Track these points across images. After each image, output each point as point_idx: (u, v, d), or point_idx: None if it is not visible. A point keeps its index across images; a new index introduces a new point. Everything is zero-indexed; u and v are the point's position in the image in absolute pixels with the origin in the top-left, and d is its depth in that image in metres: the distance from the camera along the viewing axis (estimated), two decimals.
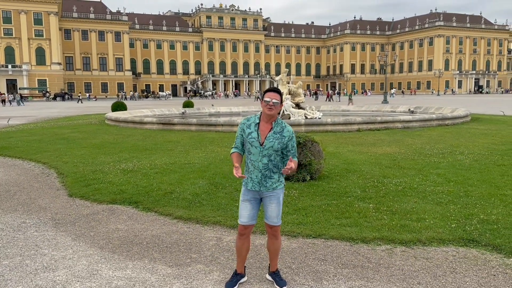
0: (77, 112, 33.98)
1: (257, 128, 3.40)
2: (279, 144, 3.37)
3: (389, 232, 4.91)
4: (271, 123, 3.42)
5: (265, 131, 3.39)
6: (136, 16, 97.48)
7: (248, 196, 3.52)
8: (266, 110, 3.35)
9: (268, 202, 3.53)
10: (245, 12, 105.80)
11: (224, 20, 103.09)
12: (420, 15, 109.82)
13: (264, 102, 3.35)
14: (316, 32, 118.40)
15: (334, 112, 25.67)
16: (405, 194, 6.43)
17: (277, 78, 21.86)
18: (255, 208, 3.56)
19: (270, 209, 3.53)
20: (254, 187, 3.47)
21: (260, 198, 3.55)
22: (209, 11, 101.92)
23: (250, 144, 3.40)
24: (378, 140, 12.19)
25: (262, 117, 3.44)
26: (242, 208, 3.55)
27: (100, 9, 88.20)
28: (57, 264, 4.18)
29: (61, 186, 7.58)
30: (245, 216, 3.55)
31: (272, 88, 3.43)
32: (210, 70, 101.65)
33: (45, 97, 70.80)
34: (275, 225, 3.59)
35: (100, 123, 19.78)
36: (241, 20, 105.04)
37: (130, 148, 11.52)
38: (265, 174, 3.43)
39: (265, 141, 3.37)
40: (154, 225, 5.40)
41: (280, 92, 3.43)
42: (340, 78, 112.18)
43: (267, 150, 3.38)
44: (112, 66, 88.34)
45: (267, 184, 3.46)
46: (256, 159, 3.41)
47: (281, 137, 3.39)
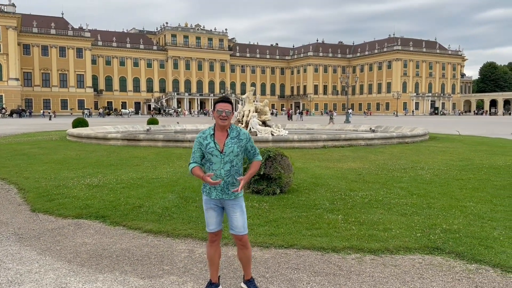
0: (36, 128, 32.77)
1: (213, 138, 3.46)
2: (238, 147, 3.46)
3: (358, 241, 5.04)
4: (226, 130, 3.50)
5: (222, 139, 3.46)
6: (99, 33, 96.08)
7: (211, 204, 3.55)
8: (220, 121, 3.42)
9: (231, 212, 3.55)
10: (211, 32, 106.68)
11: (190, 39, 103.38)
12: (379, 40, 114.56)
13: (217, 112, 3.41)
14: (280, 53, 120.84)
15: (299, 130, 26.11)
16: (371, 206, 6.62)
17: (243, 96, 22.09)
18: (220, 214, 3.61)
19: (235, 218, 3.55)
20: (218, 195, 3.50)
21: (222, 207, 3.59)
22: (174, 30, 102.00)
23: (210, 154, 3.44)
24: (343, 156, 12.51)
25: (216, 128, 3.50)
26: (208, 216, 3.58)
27: (62, 25, 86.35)
28: (22, 278, 4.01)
29: (23, 201, 7.28)
30: (213, 223, 3.58)
31: (223, 98, 3.49)
32: (175, 88, 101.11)
33: (1, 114, 67.86)
34: (242, 234, 3.60)
35: (61, 139, 19.17)
36: (207, 40, 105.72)
37: (94, 163, 11.23)
38: (227, 181, 3.48)
39: (224, 148, 3.43)
40: (123, 239, 5.29)
41: (231, 101, 3.51)
42: (303, 98, 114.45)
43: (228, 156, 3.44)
44: (73, 82, 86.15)
45: (229, 192, 3.49)
46: (218, 167, 3.45)
47: (238, 140, 3.48)
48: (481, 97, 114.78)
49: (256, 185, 7.26)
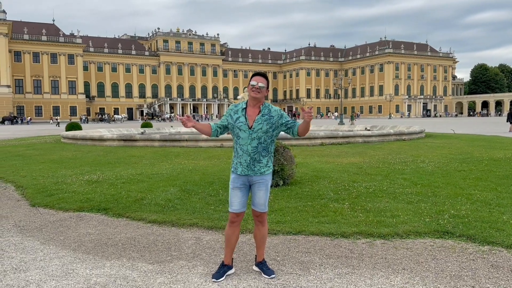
0: (30, 134, 32.43)
1: (244, 112, 3.42)
2: (267, 125, 3.39)
3: (366, 227, 4.98)
4: (258, 107, 3.44)
5: (253, 115, 3.41)
6: (91, 39, 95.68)
7: (238, 183, 3.48)
8: (252, 94, 3.38)
9: (256, 189, 3.51)
10: (203, 37, 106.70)
11: (182, 45, 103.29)
12: (371, 43, 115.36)
13: (250, 85, 3.38)
14: (272, 57, 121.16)
15: None
16: (376, 195, 6.57)
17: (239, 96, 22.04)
18: (245, 195, 3.54)
19: (258, 195, 3.51)
20: (244, 171, 3.45)
21: (249, 185, 3.52)
22: (166, 35, 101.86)
23: (238, 129, 3.40)
24: (342, 152, 12.49)
25: (248, 103, 3.47)
26: (232, 195, 3.51)
27: (53, 32, 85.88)
28: (27, 266, 3.90)
29: (21, 197, 7.15)
30: (236, 204, 3.51)
31: (259, 72, 3.49)
32: (167, 93, 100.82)
33: None
34: (262, 212, 3.57)
35: (55, 141, 18.96)
36: (199, 45, 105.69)
37: (91, 162, 11.09)
38: (254, 157, 3.42)
39: (254, 124, 3.38)
40: (128, 228, 5.19)
41: (267, 76, 3.46)
42: (296, 102, 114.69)
43: (256, 132, 3.39)
44: (65, 89, 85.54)
45: (255, 168, 3.45)
46: (245, 142, 3.40)
47: (269, 117, 3.41)
48: (472, 98, 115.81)
49: None
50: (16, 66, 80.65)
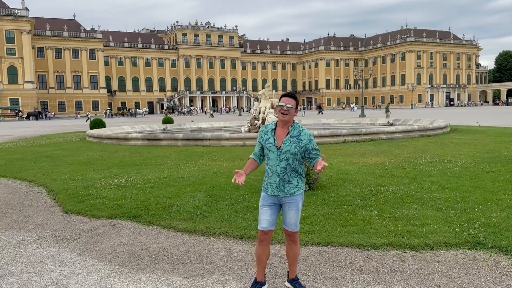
0: (54, 130, 33.21)
1: (273, 133, 3.46)
2: (296, 147, 3.40)
3: (396, 237, 4.97)
4: (287, 127, 3.47)
5: (282, 136, 3.44)
6: (111, 34, 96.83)
7: (268, 201, 3.53)
8: (280, 116, 3.42)
9: (287, 209, 3.54)
10: (221, 29, 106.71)
11: (200, 37, 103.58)
12: (392, 31, 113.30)
13: (279, 106, 3.42)
14: (291, 48, 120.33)
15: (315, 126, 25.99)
16: (404, 201, 6.53)
17: (259, 93, 22.03)
18: (275, 213, 3.57)
19: (288, 215, 3.55)
20: (273, 192, 3.49)
21: (280, 204, 3.56)
22: (184, 29, 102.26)
23: (268, 150, 3.46)
24: (366, 151, 12.39)
25: (278, 123, 3.51)
26: (261, 213, 3.56)
27: (74, 27, 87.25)
28: (67, 280, 4.04)
29: (54, 203, 7.36)
30: (265, 221, 3.55)
31: (288, 93, 3.51)
32: (187, 86, 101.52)
33: (18, 117, 69.00)
34: (293, 231, 3.60)
35: (81, 140, 19.38)
36: (217, 37, 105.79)
37: (118, 164, 11.32)
38: (283, 178, 3.46)
39: (282, 145, 3.41)
40: (159, 238, 5.31)
41: (296, 97, 3.49)
42: (315, 93, 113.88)
43: (284, 154, 3.41)
44: (87, 84, 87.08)
45: (285, 189, 3.48)
46: (274, 163, 3.44)
47: (298, 140, 3.42)
48: (497, 87, 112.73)
49: None
50: (39, 62, 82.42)
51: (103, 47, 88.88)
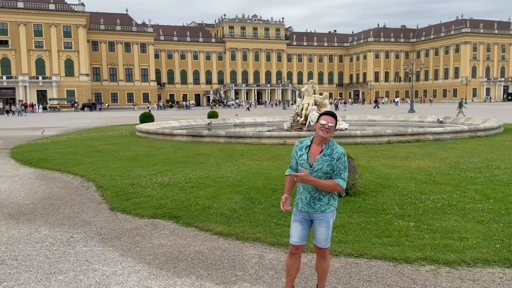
0: (106, 122, 34.80)
1: (308, 150, 3.49)
2: (328, 166, 3.41)
3: (432, 252, 4.88)
4: (322, 145, 3.50)
5: (315, 153, 3.48)
6: (161, 28, 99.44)
7: (299, 217, 3.60)
8: (321, 133, 3.42)
9: (317, 225, 3.59)
10: (267, 21, 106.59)
11: (247, 30, 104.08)
12: (446, 22, 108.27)
13: (320, 124, 3.43)
14: (338, 40, 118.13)
15: (360, 122, 25.54)
16: (445, 211, 6.36)
17: (302, 89, 21.95)
18: (306, 229, 3.63)
19: (319, 232, 3.60)
20: (304, 208, 3.55)
21: (311, 220, 3.62)
22: (231, 22, 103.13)
23: (300, 166, 3.50)
24: (410, 153, 12.07)
25: (314, 140, 3.52)
26: (293, 228, 3.64)
27: (126, 21, 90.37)
28: (109, 280, 4.33)
29: (102, 199, 7.81)
30: (296, 236, 3.62)
31: (328, 112, 3.52)
32: (232, 79, 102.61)
33: (73, 107, 72.84)
34: (323, 248, 3.65)
35: (130, 134, 20.22)
36: (263, 30, 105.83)
37: (163, 161, 11.76)
38: (314, 196, 3.51)
39: (314, 163, 3.45)
40: (196, 240, 5.53)
41: (336, 116, 3.50)
42: (363, 86, 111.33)
43: (316, 172, 3.44)
44: (138, 76, 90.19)
45: (316, 206, 3.53)
46: None
47: (330, 159, 3.44)
48: None
49: None
50: (93, 55, 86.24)
51: (153, 40, 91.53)
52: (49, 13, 74.89)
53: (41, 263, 4.76)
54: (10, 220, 6.48)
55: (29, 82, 73.67)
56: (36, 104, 70.64)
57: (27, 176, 10.31)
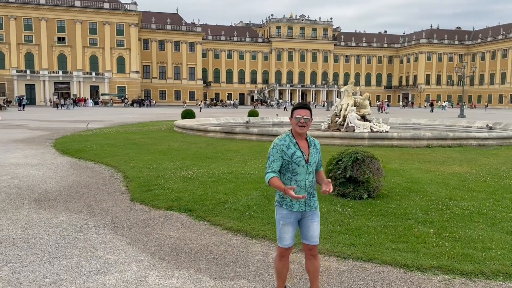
0: (151, 118, 35.80)
1: (298, 147, 3.30)
2: (318, 158, 3.42)
3: (449, 261, 4.54)
4: (305, 139, 3.36)
5: (306, 148, 3.33)
6: (209, 27, 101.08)
7: (291, 218, 3.39)
8: (298, 128, 3.26)
9: (310, 222, 3.42)
10: (315, 21, 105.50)
11: (294, 30, 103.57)
12: (505, 24, 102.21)
13: (295, 119, 3.26)
14: (388, 41, 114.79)
15: (403, 125, 24.62)
16: (472, 219, 5.93)
17: (342, 89, 21.44)
18: (295, 229, 3.48)
19: (312, 228, 3.42)
20: (300, 208, 3.36)
21: (299, 218, 3.45)
22: (279, 22, 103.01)
23: (296, 165, 3.26)
24: (449, 158, 11.43)
25: (295, 136, 3.33)
26: (283, 231, 3.41)
27: (176, 21, 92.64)
28: (109, 268, 4.36)
29: (125, 190, 7.96)
30: (288, 239, 3.44)
31: (301, 104, 3.33)
32: (277, 79, 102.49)
33: (123, 103, 75.64)
34: (316, 245, 3.48)
35: (169, 130, 20.65)
36: (311, 30, 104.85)
37: (192, 155, 11.86)
38: (311, 192, 3.37)
39: (309, 158, 3.30)
40: (205, 234, 5.48)
41: (310, 108, 3.35)
42: (413, 89, 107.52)
43: (312, 166, 3.33)
44: (185, 75, 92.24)
45: (311, 203, 3.39)
46: (303, 178, 3.31)
47: (316, 150, 3.39)
48: None
49: (342, 187, 6.98)
50: (144, 53, 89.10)
51: (201, 40, 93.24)
52: (103, 12, 78.22)
53: (50, 247, 4.89)
54: (34, 205, 6.74)
55: (83, 77, 77.28)
56: (88, 98, 73.96)
57: (62, 165, 10.73)
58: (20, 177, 8.99)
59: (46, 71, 74.77)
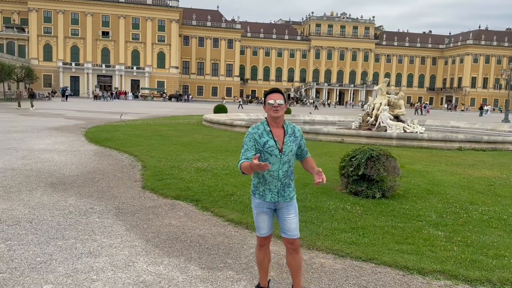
0: (185, 112, 36.33)
1: (271, 135, 3.15)
2: (295, 146, 3.21)
3: (454, 266, 4.25)
4: (282, 126, 3.20)
5: (281, 136, 3.17)
6: (249, 25, 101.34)
7: (264, 207, 3.28)
8: (272, 113, 3.12)
9: (285, 214, 3.27)
10: (357, 20, 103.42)
11: (334, 28, 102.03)
12: None
13: (268, 105, 3.12)
14: (433, 41, 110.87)
15: (441, 128, 23.66)
16: (490, 225, 5.55)
17: (376, 87, 20.85)
18: (271, 217, 3.35)
19: (288, 221, 3.27)
20: (273, 198, 3.23)
21: (275, 208, 3.31)
22: (319, 19, 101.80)
23: (269, 154, 3.14)
24: (479, 162, 10.82)
25: (270, 123, 3.19)
26: (259, 221, 3.32)
27: (217, 18, 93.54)
28: (101, 251, 4.38)
29: (140, 178, 8.05)
30: (264, 228, 3.34)
31: (273, 89, 3.18)
32: (315, 78, 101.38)
33: (162, 98, 77.28)
34: (295, 238, 3.31)
35: (197, 123, 20.84)
36: (352, 28, 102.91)
37: (213, 148, 11.87)
38: (285, 182, 3.22)
39: (284, 147, 3.14)
40: (205, 224, 5.42)
41: (282, 92, 3.21)
42: (457, 91, 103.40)
43: (287, 155, 3.17)
44: (223, 71, 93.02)
45: (285, 194, 3.24)
46: (276, 168, 3.17)
47: (295, 138, 3.22)
48: None
49: (355, 185, 6.72)
50: (184, 49, 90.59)
51: (240, 37, 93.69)
52: (146, 7, 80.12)
53: (50, 228, 4.98)
54: (48, 188, 6.93)
55: (124, 71, 79.55)
56: (129, 92, 76.07)
57: (87, 152, 11.02)
58: (44, 162, 9.30)
59: (90, 64, 77.52)
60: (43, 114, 25.60)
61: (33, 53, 76.73)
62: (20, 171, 8.23)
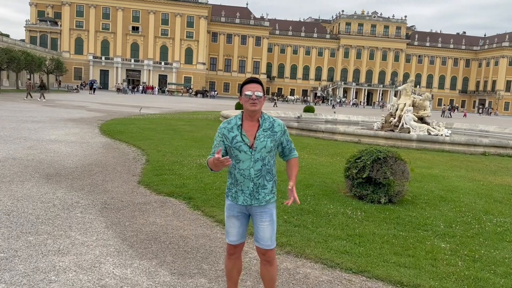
0: (207, 108, 36.26)
1: (240, 129, 2.79)
2: (271, 142, 2.80)
3: (455, 283, 3.78)
4: (257, 120, 2.81)
5: (253, 131, 2.79)
6: (277, 22, 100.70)
7: (235, 210, 2.92)
8: (249, 106, 2.75)
9: (259, 221, 2.89)
10: (388, 19, 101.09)
11: (364, 27, 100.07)
12: None
13: (245, 96, 2.74)
14: (467, 43, 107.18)
15: (468, 132, 22.62)
16: (503, 238, 5.00)
17: (400, 87, 20.07)
18: (244, 224, 2.97)
19: (261, 228, 2.89)
20: (246, 201, 2.86)
21: (249, 214, 2.93)
22: (349, 18, 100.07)
23: (237, 150, 2.79)
24: (503, 168, 10.09)
25: (244, 116, 2.84)
26: (229, 225, 2.97)
27: (245, 15, 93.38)
28: (71, 249, 4.12)
29: (139, 172, 7.82)
30: (234, 234, 2.97)
31: (251, 78, 2.81)
32: (343, 77, 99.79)
33: (188, 93, 77.79)
34: (268, 249, 2.93)
35: (215, 119, 20.62)
36: (383, 28, 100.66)
37: None
38: (258, 183, 2.82)
39: (255, 142, 2.77)
40: (192, 225, 5.10)
41: (260, 82, 2.82)
42: (490, 95, 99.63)
43: (260, 152, 2.78)
44: (250, 69, 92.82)
45: (260, 196, 2.85)
46: (247, 166, 2.79)
47: (272, 133, 2.81)
48: None
49: (360, 189, 6.26)
50: (212, 46, 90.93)
51: (268, 34, 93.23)
52: (176, 3, 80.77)
53: (26, 222, 4.77)
54: (41, 180, 6.77)
55: (153, 66, 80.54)
56: (156, 87, 76.97)
57: (95, 144, 10.91)
58: (48, 152, 9.21)
59: (120, 58, 78.84)
60: (65, 106, 25.99)
61: (65, 46, 78.72)
62: (20, 160, 8.15)
